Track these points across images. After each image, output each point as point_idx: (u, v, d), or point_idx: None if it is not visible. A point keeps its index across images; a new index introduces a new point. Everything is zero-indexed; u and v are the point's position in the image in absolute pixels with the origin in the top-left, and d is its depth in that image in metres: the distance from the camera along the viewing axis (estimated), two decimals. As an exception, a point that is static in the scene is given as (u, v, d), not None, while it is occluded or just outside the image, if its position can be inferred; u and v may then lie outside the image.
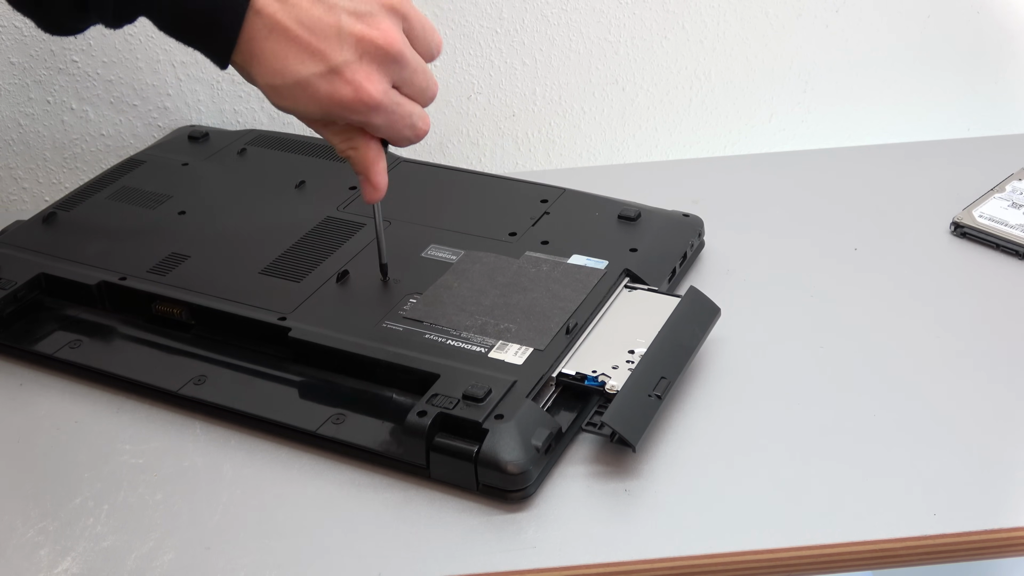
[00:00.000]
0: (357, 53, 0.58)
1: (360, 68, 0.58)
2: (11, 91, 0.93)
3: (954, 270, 0.75)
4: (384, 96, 0.59)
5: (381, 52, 0.59)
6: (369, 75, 0.59)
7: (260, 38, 0.58)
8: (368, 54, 0.58)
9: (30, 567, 0.56)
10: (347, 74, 0.58)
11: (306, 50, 0.58)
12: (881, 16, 0.96)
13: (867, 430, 0.62)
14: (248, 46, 0.58)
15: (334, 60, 0.58)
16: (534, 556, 0.55)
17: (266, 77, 0.59)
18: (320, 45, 0.58)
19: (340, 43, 0.58)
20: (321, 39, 0.58)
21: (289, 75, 0.58)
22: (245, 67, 0.60)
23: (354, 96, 0.58)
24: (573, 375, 0.63)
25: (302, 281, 0.71)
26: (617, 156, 1.02)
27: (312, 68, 0.58)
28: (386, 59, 0.59)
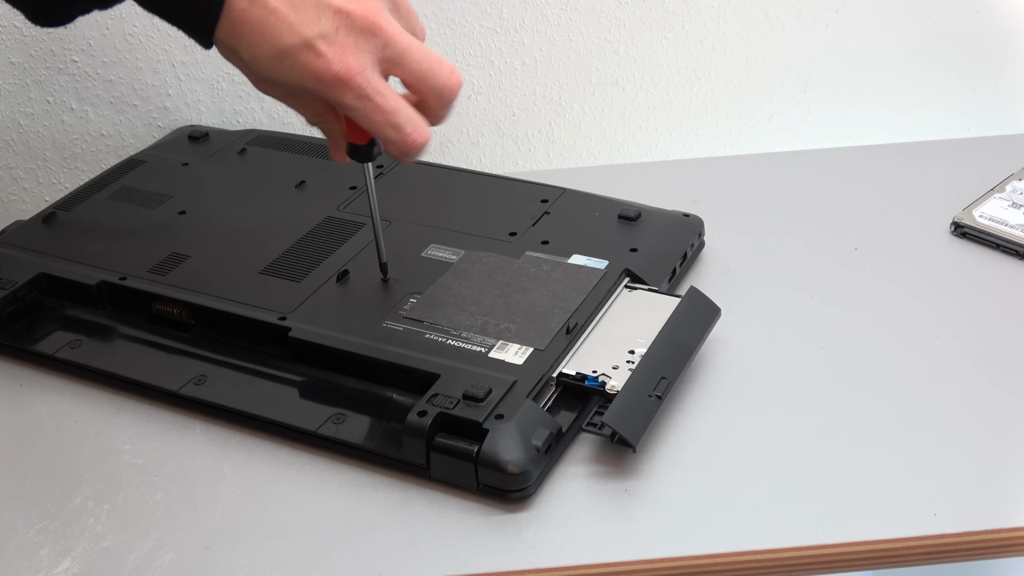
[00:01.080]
0: (334, 25, 0.57)
1: (336, 40, 0.57)
2: (11, 91, 0.93)
3: (954, 270, 0.75)
4: (358, 74, 0.58)
5: (359, 25, 0.57)
6: (344, 48, 0.57)
7: (241, 10, 0.57)
8: (344, 27, 0.57)
9: (30, 567, 0.56)
10: (321, 46, 0.57)
11: (284, 21, 0.57)
12: (881, 16, 0.96)
13: (867, 430, 0.62)
14: (230, 19, 0.57)
15: (311, 32, 0.57)
16: (534, 556, 0.55)
17: (249, 49, 0.58)
18: (298, 16, 0.57)
19: (318, 14, 0.57)
20: (300, 10, 0.57)
21: (268, 46, 0.57)
22: (227, 42, 0.59)
23: (325, 68, 0.57)
24: (573, 375, 0.63)
25: (302, 281, 0.71)
26: (617, 156, 1.02)
27: (290, 39, 0.57)
28: (363, 32, 0.58)
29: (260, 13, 0.57)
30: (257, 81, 0.60)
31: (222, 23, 0.58)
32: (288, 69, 0.58)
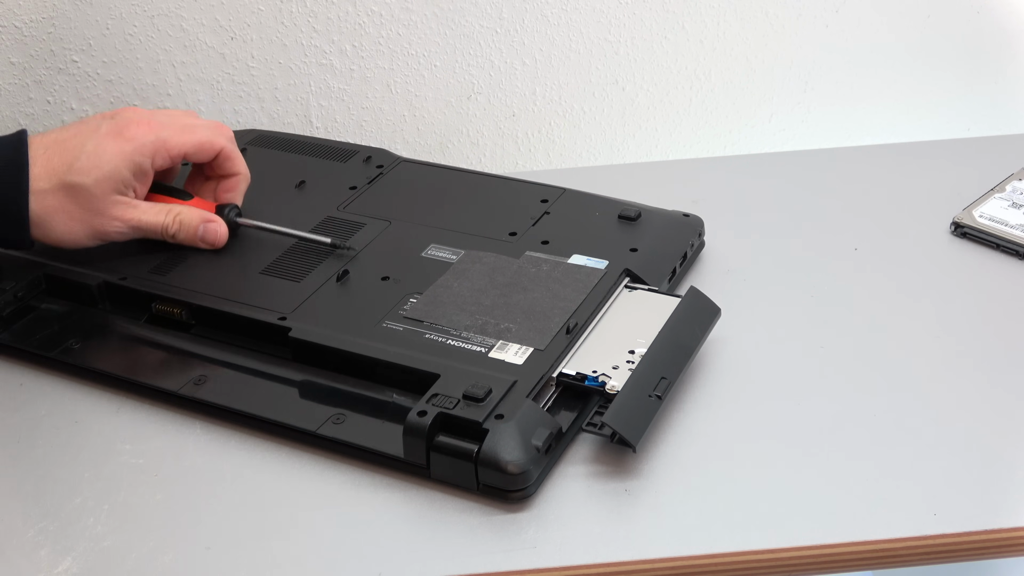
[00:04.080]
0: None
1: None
2: (11, 91, 0.93)
3: (954, 270, 0.75)
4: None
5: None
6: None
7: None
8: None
9: (30, 567, 0.56)
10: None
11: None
12: (881, 16, 0.96)
13: (867, 430, 0.62)
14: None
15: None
16: (534, 556, 0.55)
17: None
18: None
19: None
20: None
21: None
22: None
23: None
24: (573, 375, 0.63)
25: (302, 281, 0.71)
26: (617, 156, 1.02)
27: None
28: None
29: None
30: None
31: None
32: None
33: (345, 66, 0.95)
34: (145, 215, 0.72)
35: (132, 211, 0.71)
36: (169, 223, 0.73)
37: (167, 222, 0.73)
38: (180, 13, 0.92)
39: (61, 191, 0.69)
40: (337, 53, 0.95)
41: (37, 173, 0.69)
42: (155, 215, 0.73)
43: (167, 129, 0.72)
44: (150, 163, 0.71)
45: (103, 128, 0.71)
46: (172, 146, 0.72)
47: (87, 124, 0.72)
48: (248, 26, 0.93)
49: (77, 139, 0.70)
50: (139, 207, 0.72)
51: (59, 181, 0.69)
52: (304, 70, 0.95)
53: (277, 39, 0.94)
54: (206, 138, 0.74)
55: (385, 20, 0.94)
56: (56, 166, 0.69)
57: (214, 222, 0.74)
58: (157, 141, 0.71)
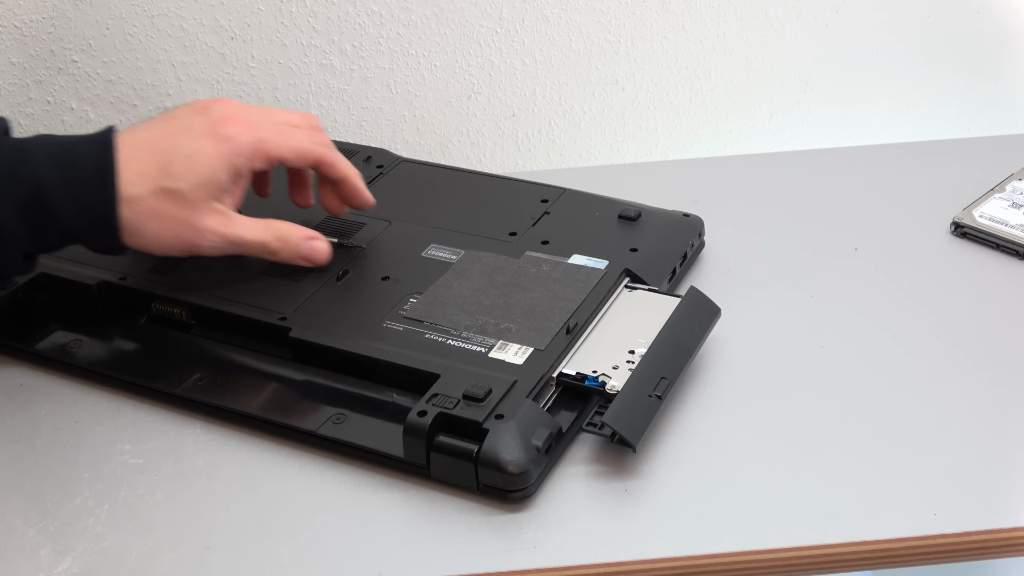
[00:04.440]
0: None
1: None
2: (11, 91, 0.93)
3: (954, 270, 0.75)
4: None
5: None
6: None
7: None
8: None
9: (30, 567, 0.56)
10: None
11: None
12: (881, 16, 0.96)
13: (867, 430, 0.62)
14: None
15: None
16: (534, 556, 0.55)
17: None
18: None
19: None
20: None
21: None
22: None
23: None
24: (573, 375, 0.63)
25: (302, 281, 0.71)
26: (617, 156, 1.02)
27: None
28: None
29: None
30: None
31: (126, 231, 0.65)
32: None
33: (345, 66, 0.95)
34: (244, 231, 0.67)
35: (230, 225, 0.66)
36: (270, 240, 0.68)
37: (267, 239, 0.68)
38: (180, 13, 0.92)
39: (155, 196, 0.64)
40: (337, 53, 0.95)
41: (128, 177, 0.63)
42: (254, 231, 0.68)
43: (265, 129, 0.67)
44: (248, 165, 0.66)
45: (196, 126, 0.66)
46: (271, 148, 0.67)
47: (178, 120, 0.67)
48: (248, 26, 0.93)
49: (170, 139, 0.65)
50: (237, 221, 0.67)
51: (153, 185, 0.64)
52: (304, 70, 0.95)
53: (277, 39, 0.94)
54: (304, 146, 0.69)
55: (385, 20, 0.94)
56: (148, 169, 0.64)
57: (317, 239, 0.70)
58: (256, 142, 0.66)
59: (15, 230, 0.62)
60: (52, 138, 0.65)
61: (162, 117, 0.68)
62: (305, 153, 0.69)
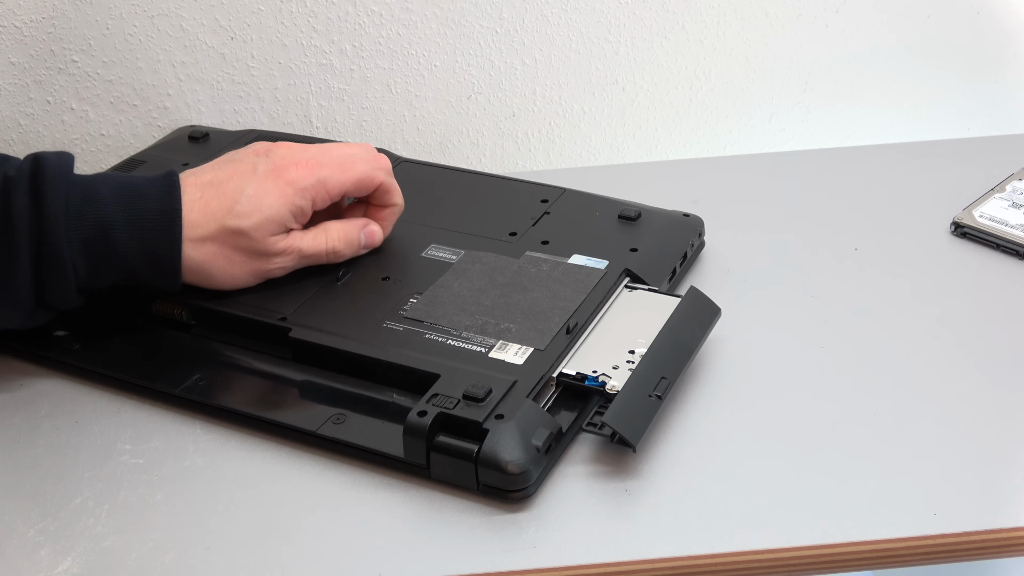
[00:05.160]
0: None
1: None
2: (11, 91, 0.93)
3: (954, 270, 0.75)
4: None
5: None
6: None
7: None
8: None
9: (30, 567, 0.56)
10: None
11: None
12: (881, 16, 0.96)
13: (867, 430, 0.62)
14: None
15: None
16: (534, 556, 0.55)
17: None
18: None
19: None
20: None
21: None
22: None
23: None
24: (573, 375, 0.63)
25: (302, 281, 0.71)
26: (617, 156, 1.02)
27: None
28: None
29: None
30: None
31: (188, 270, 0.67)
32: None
33: (345, 66, 0.95)
34: (304, 243, 0.70)
35: (293, 243, 0.69)
36: (335, 246, 0.71)
37: (330, 247, 0.71)
38: (180, 13, 0.92)
39: (221, 237, 0.66)
40: (337, 53, 0.95)
41: (194, 219, 0.66)
42: (313, 242, 0.70)
43: (326, 168, 0.69)
44: (311, 205, 0.69)
45: (260, 168, 0.68)
46: (332, 186, 0.69)
47: (242, 164, 0.69)
48: (248, 26, 0.93)
49: (234, 181, 0.67)
50: (295, 236, 0.69)
51: (219, 227, 0.66)
52: (304, 70, 0.95)
53: (277, 39, 0.94)
54: (365, 174, 0.71)
55: (385, 20, 0.94)
56: (215, 210, 0.66)
57: (369, 223, 0.73)
58: (318, 184, 0.69)
59: (75, 266, 0.64)
60: (117, 177, 0.67)
61: (224, 159, 0.71)
62: (366, 182, 0.71)
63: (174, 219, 0.65)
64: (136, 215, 0.65)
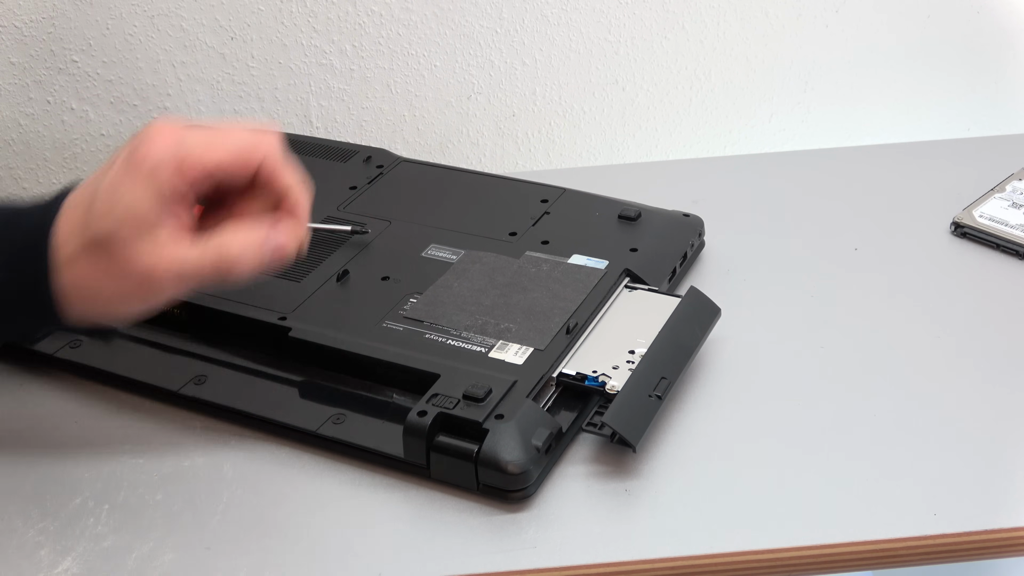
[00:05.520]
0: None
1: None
2: (11, 91, 0.93)
3: (954, 270, 0.75)
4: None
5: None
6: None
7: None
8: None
9: (30, 567, 0.56)
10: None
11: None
12: (881, 16, 0.96)
13: (867, 430, 0.62)
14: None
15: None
16: (534, 556, 0.55)
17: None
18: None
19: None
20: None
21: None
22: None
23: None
24: (573, 375, 0.63)
25: (302, 281, 0.71)
26: (617, 156, 1.02)
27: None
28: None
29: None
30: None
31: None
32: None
33: (345, 66, 0.95)
34: (191, 258, 0.55)
35: (172, 258, 0.55)
36: (227, 252, 0.56)
37: (220, 254, 0.56)
38: (180, 13, 0.92)
39: (87, 251, 0.54)
40: (337, 53, 0.95)
41: (60, 239, 0.55)
42: (202, 257, 0.55)
43: (190, 139, 0.55)
44: (175, 182, 0.54)
45: (121, 154, 0.56)
46: (197, 159, 0.54)
47: (111, 158, 0.57)
48: (248, 26, 0.93)
49: (95, 180, 0.56)
50: (180, 249, 0.55)
51: (81, 239, 0.54)
52: (304, 70, 0.95)
53: (277, 39, 0.94)
54: (243, 145, 0.56)
55: (385, 20, 0.94)
56: (75, 221, 0.55)
57: (276, 226, 0.57)
58: (176, 157, 0.54)
59: None
60: (8, 203, 0.58)
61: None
62: (244, 154, 0.56)
63: (42, 241, 0.54)
64: (8, 242, 0.55)
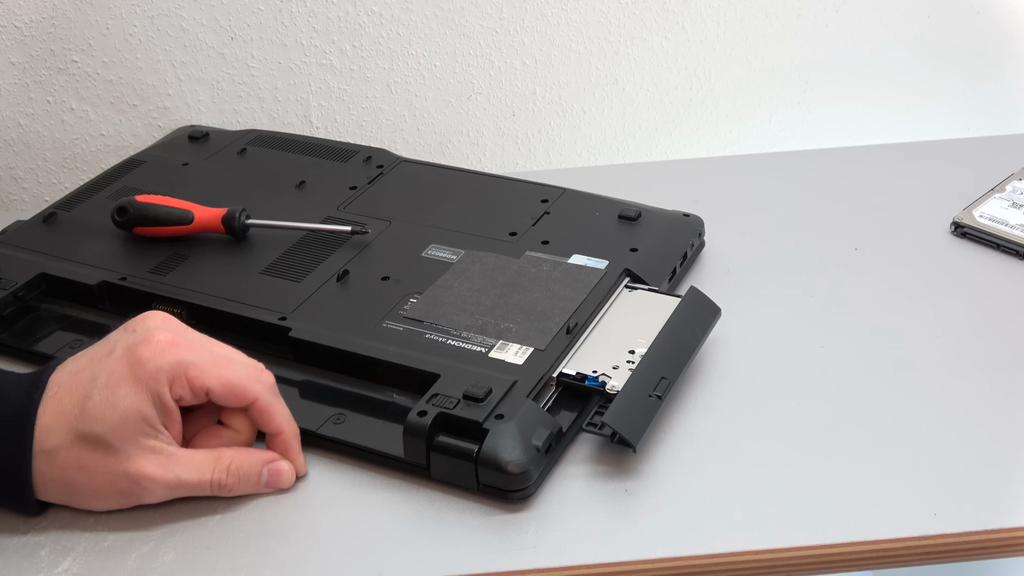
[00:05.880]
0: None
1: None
2: (11, 91, 0.93)
3: (954, 270, 0.75)
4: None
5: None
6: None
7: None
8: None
9: (30, 567, 0.56)
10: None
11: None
12: (881, 16, 0.96)
13: (867, 430, 0.62)
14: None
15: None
16: (534, 556, 0.55)
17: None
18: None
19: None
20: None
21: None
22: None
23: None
24: (573, 375, 0.63)
25: (302, 281, 0.71)
26: (617, 156, 1.02)
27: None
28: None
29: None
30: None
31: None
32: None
33: (345, 66, 0.95)
34: (187, 471, 0.57)
35: (169, 468, 0.56)
36: (221, 478, 0.58)
37: (217, 477, 0.58)
38: (180, 13, 0.92)
39: (76, 445, 0.55)
40: (337, 53, 0.95)
41: (46, 423, 0.55)
42: (200, 469, 0.57)
43: (191, 354, 0.57)
44: (168, 393, 0.56)
45: (118, 349, 0.56)
46: (195, 374, 0.56)
47: (105, 345, 0.58)
48: (248, 26, 0.93)
49: (91, 368, 0.56)
50: (178, 461, 0.57)
51: (71, 432, 0.55)
52: (304, 70, 0.95)
53: (277, 39, 0.94)
54: (239, 380, 0.58)
55: (385, 20, 0.94)
56: (67, 410, 0.55)
57: (276, 460, 0.59)
58: (177, 367, 0.56)
59: None
60: None
61: (99, 342, 0.59)
62: (237, 388, 0.58)
63: (26, 423, 0.54)
64: None
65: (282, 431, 0.60)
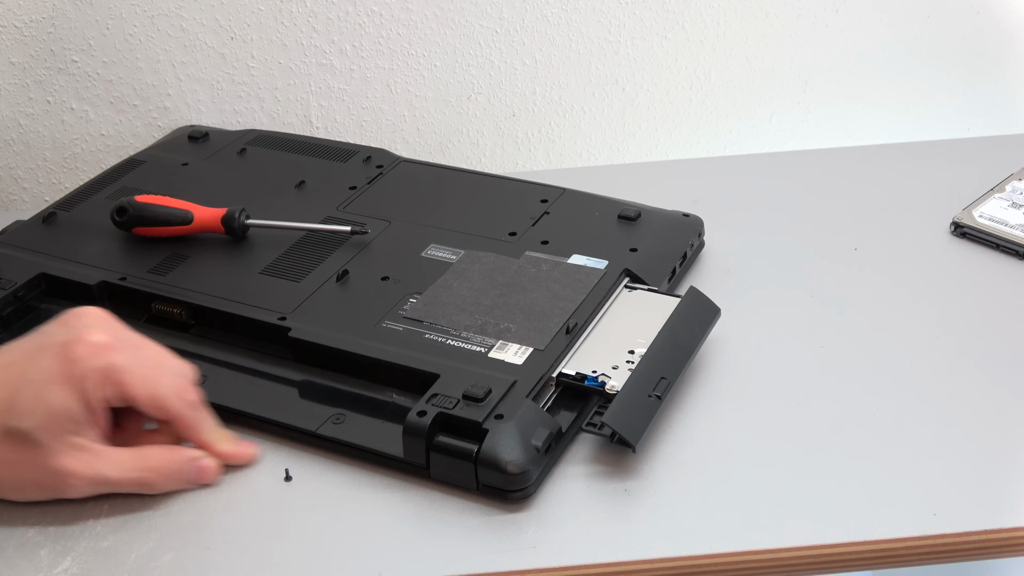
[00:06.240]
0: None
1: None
2: (11, 91, 0.93)
3: (954, 270, 0.75)
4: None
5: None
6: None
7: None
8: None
9: (30, 567, 0.56)
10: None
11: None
12: (881, 16, 0.96)
13: (867, 430, 0.62)
14: None
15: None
16: (534, 556, 0.55)
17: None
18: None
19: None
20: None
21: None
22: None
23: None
24: (573, 375, 0.63)
25: (302, 281, 0.71)
26: (617, 156, 1.02)
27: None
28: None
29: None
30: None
31: None
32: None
33: (345, 66, 0.95)
34: (111, 468, 0.57)
35: (94, 464, 0.57)
36: (144, 475, 0.58)
37: (140, 475, 0.58)
38: (180, 13, 0.92)
39: (4, 438, 0.55)
40: (337, 53, 0.95)
41: None
42: (123, 467, 0.58)
43: (122, 355, 0.57)
44: (97, 394, 0.56)
45: (51, 345, 0.56)
46: (126, 380, 0.57)
47: (38, 338, 0.58)
48: (248, 26, 0.93)
49: (22, 363, 0.56)
50: (103, 457, 0.57)
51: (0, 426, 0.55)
52: (304, 70, 0.95)
53: (277, 39, 0.94)
54: (163, 396, 0.58)
55: (385, 20, 0.94)
56: None
57: (201, 458, 0.60)
58: (108, 369, 0.56)
59: None
60: None
61: (33, 333, 0.59)
62: (161, 404, 0.58)
63: None
64: None
65: (206, 445, 0.61)
